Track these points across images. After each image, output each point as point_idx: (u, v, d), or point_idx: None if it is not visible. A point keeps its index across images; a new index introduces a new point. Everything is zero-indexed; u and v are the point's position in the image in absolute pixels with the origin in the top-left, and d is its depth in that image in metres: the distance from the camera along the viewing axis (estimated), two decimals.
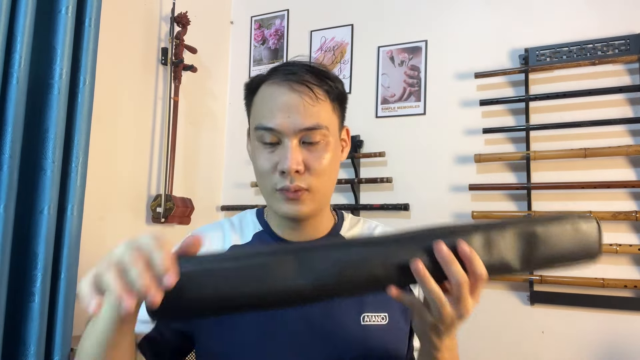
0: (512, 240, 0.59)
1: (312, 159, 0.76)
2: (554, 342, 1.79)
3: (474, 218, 1.91)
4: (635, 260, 1.72)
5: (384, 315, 0.81)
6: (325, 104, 0.77)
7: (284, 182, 0.75)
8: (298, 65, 0.79)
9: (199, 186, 2.36)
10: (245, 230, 0.88)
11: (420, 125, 2.11)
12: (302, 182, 0.75)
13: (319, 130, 0.75)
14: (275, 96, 0.76)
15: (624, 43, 1.77)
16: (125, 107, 2.00)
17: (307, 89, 0.75)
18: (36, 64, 1.47)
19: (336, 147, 0.80)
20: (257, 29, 2.54)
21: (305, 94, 0.75)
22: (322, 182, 0.77)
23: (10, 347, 1.42)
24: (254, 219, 0.90)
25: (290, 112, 0.75)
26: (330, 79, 0.79)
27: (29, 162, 1.46)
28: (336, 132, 0.80)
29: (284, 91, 0.76)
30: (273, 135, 0.76)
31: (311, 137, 0.75)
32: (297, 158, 0.74)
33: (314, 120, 0.75)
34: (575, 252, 0.60)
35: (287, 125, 0.74)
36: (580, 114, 1.84)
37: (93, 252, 1.82)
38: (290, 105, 0.75)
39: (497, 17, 2.02)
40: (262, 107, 0.78)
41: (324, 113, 0.77)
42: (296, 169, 0.74)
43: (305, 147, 0.76)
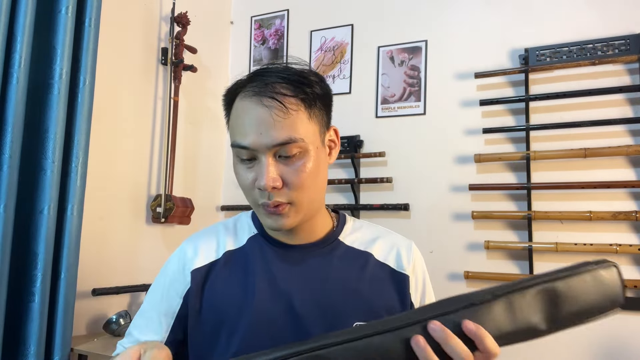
0: (534, 301, 0.57)
1: (290, 173, 0.74)
2: (554, 342, 1.79)
3: (474, 218, 1.91)
4: (635, 260, 1.72)
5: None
6: (299, 114, 0.74)
7: (263, 198, 0.75)
8: (273, 73, 0.75)
9: (199, 186, 2.36)
10: (239, 234, 0.87)
11: (420, 125, 2.11)
12: (282, 197, 0.74)
13: (293, 143, 0.73)
14: (247, 112, 0.74)
15: (624, 43, 1.77)
16: (125, 107, 2.00)
17: (277, 102, 0.73)
18: (36, 64, 1.47)
19: (319, 154, 0.77)
20: (257, 29, 2.54)
21: (275, 108, 0.72)
22: (304, 194, 0.75)
23: (10, 347, 1.42)
24: (249, 221, 0.89)
25: (261, 128, 0.72)
26: (308, 84, 0.75)
27: (29, 162, 1.46)
28: (316, 139, 0.77)
29: (254, 106, 0.73)
30: (248, 152, 0.74)
31: (287, 151, 0.73)
32: (272, 175, 0.72)
33: (286, 134, 0.72)
34: (601, 304, 0.58)
35: (260, 143, 0.73)
36: (580, 114, 1.84)
37: (93, 252, 1.82)
38: (261, 122, 0.72)
39: (497, 17, 2.02)
40: (236, 123, 0.77)
41: (298, 124, 0.73)
42: (272, 185, 0.72)
43: (281, 161, 0.74)
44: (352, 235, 0.87)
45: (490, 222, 1.94)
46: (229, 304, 0.79)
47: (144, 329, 0.83)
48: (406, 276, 0.84)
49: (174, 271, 0.85)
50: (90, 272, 1.80)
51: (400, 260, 0.85)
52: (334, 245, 0.84)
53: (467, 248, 1.97)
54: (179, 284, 0.83)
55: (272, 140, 0.72)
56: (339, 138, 0.84)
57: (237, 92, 0.78)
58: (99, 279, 1.84)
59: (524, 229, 1.87)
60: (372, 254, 0.85)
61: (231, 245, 0.85)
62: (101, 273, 1.86)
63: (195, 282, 0.82)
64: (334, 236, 0.85)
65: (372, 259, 0.84)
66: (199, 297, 0.81)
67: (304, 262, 0.81)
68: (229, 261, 0.83)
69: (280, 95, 0.73)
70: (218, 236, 0.87)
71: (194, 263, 0.83)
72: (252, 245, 0.84)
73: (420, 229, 2.04)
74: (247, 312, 0.77)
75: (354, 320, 0.78)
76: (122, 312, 1.78)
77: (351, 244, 0.85)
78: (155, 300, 0.84)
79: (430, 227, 2.03)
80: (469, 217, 1.95)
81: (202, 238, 0.87)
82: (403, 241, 0.89)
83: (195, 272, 0.82)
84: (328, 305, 0.78)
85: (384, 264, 0.84)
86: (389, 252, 0.86)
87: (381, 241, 0.87)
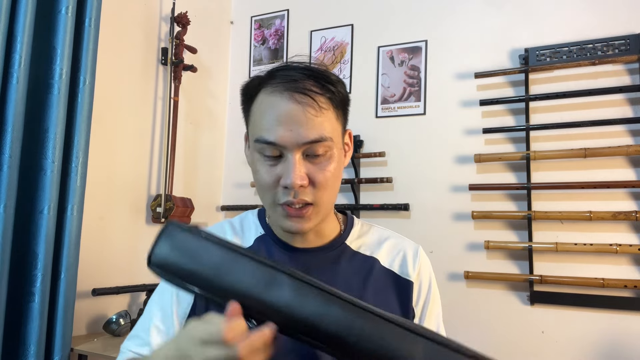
0: None
1: (316, 172, 0.73)
2: (554, 342, 1.79)
3: (474, 218, 1.91)
4: (635, 260, 1.72)
5: None
6: (328, 113, 0.73)
7: (287, 197, 0.72)
8: (298, 70, 0.74)
9: (199, 186, 2.36)
10: (246, 234, 0.85)
11: (420, 125, 2.11)
12: (306, 196, 0.73)
13: (323, 142, 0.72)
14: (275, 107, 0.72)
15: (624, 43, 1.77)
16: (125, 107, 2.00)
17: (310, 99, 0.71)
18: (36, 64, 1.47)
19: (340, 155, 0.77)
20: (257, 29, 2.54)
21: (308, 105, 0.71)
22: (326, 194, 0.75)
23: (10, 347, 1.42)
24: (255, 221, 0.87)
25: (292, 124, 0.70)
26: (333, 84, 0.74)
27: (29, 162, 1.46)
28: (340, 140, 0.77)
29: (285, 101, 0.71)
30: (274, 149, 0.72)
31: (315, 150, 0.72)
32: (300, 173, 0.71)
33: (318, 132, 0.71)
34: None
35: (290, 139, 0.71)
36: (580, 114, 1.84)
37: (93, 252, 1.82)
38: (293, 118, 0.71)
39: (497, 17, 2.02)
40: (261, 118, 0.73)
41: (327, 123, 0.73)
42: (300, 184, 0.71)
43: (308, 159, 0.73)
44: (359, 239, 0.86)
45: (490, 222, 1.94)
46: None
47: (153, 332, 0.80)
48: (410, 282, 0.83)
49: None
50: (90, 272, 1.80)
51: (406, 266, 0.84)
52: (340, 249, 0.83)
53: (467, 248, 1.97)
54: None
55: (303, 138, 0.71)
56: (352, 141, 0.84)
57: (260, 87, 0.75)
58: (99, 279, 1.84)
59: (524, 229, 1.87)
60: (377, 259, 0.84)
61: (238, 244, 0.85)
62: (101, 273, 1.86)
63: None
64: (340, 240, 0.84)
65: (378, 264, 0.83)
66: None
67: (310, 266, 0.80)
68: None
69: (312, 92, 0.72)
70: (225, 235, 0.85)
71: None
72: (259, 246, 0.83)
73: (420, 229, 2.04)
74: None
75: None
76: (122, 312, 1.78)
77: (357, 249, 0.84)
78: (165, 301, 0.81)
79: (430, 227, 2.03)
80: (469, 217, 1.95)
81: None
82: (410, 246, 0.87)
83: None
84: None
85: (388, 269, 0.83)
86: (394, 257, 0.85)
87: (388, 246, 0.86)
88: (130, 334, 0.83)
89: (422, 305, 0.84)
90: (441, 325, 0.87)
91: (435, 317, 0.86)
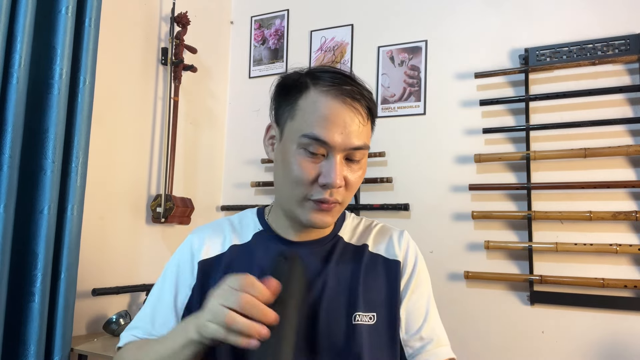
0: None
1: (351, 175, 0.78)
2: (554, 342, 1.79)
3: (474, 218, 1.91)
4: (635, 260, 1.72)
5: (372, 315, 0.82)
6: (369, 124, 0.79)
7: (321, 195, 0.76)
8: (347, 77, 0.78)
9: (199, 186, 2.36)
10: (245, 230, 0.88)
11: (420, 125, 2.11)
12: (339, 196, 0.77)
13: (362, 150, 0.77)
14: (330, 107, 0.75)
15: (624, 43, 1.77)
16: (125, 107, 2.00)
17: (363, 109, 0.76)
18: (36, 64, 1.47)
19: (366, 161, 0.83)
20: (257, 29, 2.54)
21: (359, 113, 0.76)
22: (350, 196, 0.81)
23: (10, 347, 1.42)
24: (254, 218, 0.90)
25: (345, 128, 0.74)
26: (371, 98, 0.79)
27: (29, 162, 1.46)
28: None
29: (339, 104, 0.75)
30: (321, 147, 0.75)
31: (354, 155, 0.77)
32: (342, 175, 0.76)
33: (363, 140, 0.76)
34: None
35: (340, 142, 0.74)
36: (580, 114, 1.84)
37: (93, 252, 1.82)
38: (347, 122, 0.74)
39: (497, 17, 2.02)
40: (313, 115, 0.75)
41: (368, 133, 0.79)
42: (340, 184, 0.75)
43: (346, 163, 0.77)
44: (351, 232, 0.91)
45: (490, 222, 1.94)
46: None
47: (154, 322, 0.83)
48: (397, 262, 0.87)
49: (184, 262, 0.86)
50: (90, 272, 1.80)
51: (392, 248, 0.88)
52: (334, 241, 0.87)
53: (467, 248, 1.97)
54: (188, 275, 0.84)
55: (351, 143, 0.75)
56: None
57: (309, 85, 0.77)
58: (99, 279, 1.84)
59: (524, 229, 1.87)
60: (367, 244, 0.88)
61: (236, 240, 0.87)
62: (101, 273, 1.86)
63: (202, 273, 0.83)
64: (334, 232, 0.89)
65: (367, 251, 0.87)
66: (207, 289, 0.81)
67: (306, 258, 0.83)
68: (235, 255, 0.85)
69: (365, 101, 0.77)
70: (224, 231, 0.89)
71: (201, 254, 0.85)
72: (257, 241, 0.86)
73: (420, 229, 2.04)
74: None
75: (353, 311, 0.81)
76: (122, 312, 1.78)
77: (349, 240, 0.89)
78: (165, 291, 0.85)
79: (430, 227, 2.03)
80: (469, 217, 1.95)
81: (208, 231, 0.89)
82: (395, 230, 0.93)
83: (202, 263, 0.84)
84: (330, 298, 0.81)
85: (376, 254, 0.88)
86: (381, 241, 0.90)
87: (375, 233, 0.91)
88: (129, 325, 0.86)
89: (405, 280, 0.87)
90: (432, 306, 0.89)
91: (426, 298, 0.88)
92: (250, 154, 2.44)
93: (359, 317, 0.81)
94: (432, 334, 0.85)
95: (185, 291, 0.83)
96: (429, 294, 0.90)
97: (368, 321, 0.81)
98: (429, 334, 0.85)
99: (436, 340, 0.85)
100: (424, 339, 0.84)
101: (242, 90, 2.54)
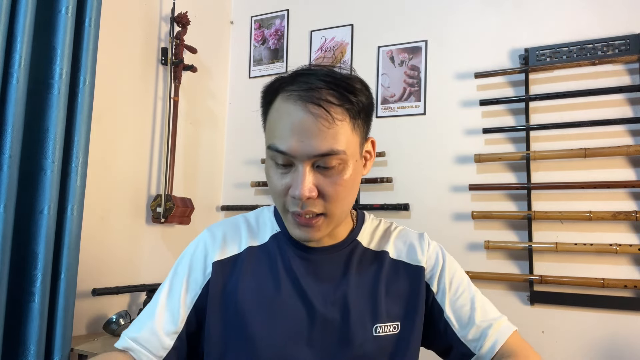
0: None
1: (327, 184, 0.71)
2: (554, 342, 1.79)
3: (474, 218, 1.91)
4: (635, 260, 1.72)
5: (395, 324, 0.80)
6: (344, 125, 0.71)
7: (295, 207, 0.72)
8: (319, 76, 0.71)
9: (199, 186, 2.36)
10: (262, 231, 0.86)
11: (420, 125, 2.11)
12: (315, 208, 0.72)
13: (334, 155, 0.70)
14: (289, 115, 0.70)
15: (624, 43, 1.77)
16: (125, 107, 2.00)
17: (324, 110, 0.69)
18: (36, 64, 1.47)
19: (357, 166, 0.75)
20: (257, 29, 2.54)
21: (321, 117, 0.69)
22: (337, 206, 0.74)
23: (10, 347, 1.42)
24: (271, 217, 0.88)
25: (303, 135, 0.69)
26: (354, 93, 0.72)
27: (29, 162, 1.46)
28: (356, 151, 0.74)
29: (298, 111, 0.69)
30: (285, 158, 0.71)
31: (326, 162, 0.70)
32: (308, 185, 0.70)
33: (329, 145, 0.69)
34: None
35: (300, 151, 0.69)
36: (580, 114, 1.84)
37: (93, 252, 1.82)
38: (304, 129, 0.69)
39: (497, 17, 2.02)
40: (275, 125, 0.73)
41: (341, 135, 0.70)
42: (308, 196, 0.70)
43: (319, 171, 0.71)
44: (369, 236, 0.87)
45: (490, 222, 1.94)
46: (253, 301, 0.78)
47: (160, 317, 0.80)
48: (421, 268, 0.85)
49: (196, 259, 0.83)
50: (90, 272, 1.80)
51: (415, 253, 0.86)
52: (352, 246, 0.84)
53: (467, 248, 1.97)
54: (199, 274, 0.82)
55: (313, 150, 0.69)
56: (375, 149, 0.82)
57: (279, 91, 0.74)
58: (99, 279, 1.84)
59: (524, 229, 1.87)
60: (387, 252, 0.85)
61: (253, 241, 0.85)
62: (101, 273, 1.86)
63: (217, 274, 0.81)
64: (352, 237, 0.85)
65: (388, 258, 0.85)
66: (221, 291, 0.80)
67: (324, 265, 0.81)
68: (252, 257, 0.82)
69: (327, 102, 0.69)
70: (240, 230, 0.86)
71: (215, 254, 0.83)
72: (274, 243, 0.84)
73: (420, 229, 2.02)
74: (275, 310, 0.78)
75: (374, 323, 0.79)
76: (122, 312, 1.78)
77: (368, 245, 0.86)
78: (175, 287, 0.82)
79: (430, 227, 2.03)
80: (469, 217, 1.95)
81: (224, 229, 0.86)
82: (414, 233, 0.90)
83: (217, 264, 0.82)
84: (348, 309, 0.79)
85: (398, 260, 0.85)
86: (402, 247, 0.87)
87: (394, 237, 0.88)
88: (134, 321, 0.83)
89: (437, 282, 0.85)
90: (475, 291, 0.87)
91: (465, 285, 0.86)
92: (250, 154, 2.44)
93: (381, 328, 0.79)
94: (487, 317, 0.83)
95: (195, 289, 0.81)
96: (467, 281, 0.88)
97: (392, 331, 0.80)
98: (484, 319, 0.82)
99: (493, 322, 0.83)
100: (482, 326, 0.82)
101: (242, 90, 2.54)
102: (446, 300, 0.84)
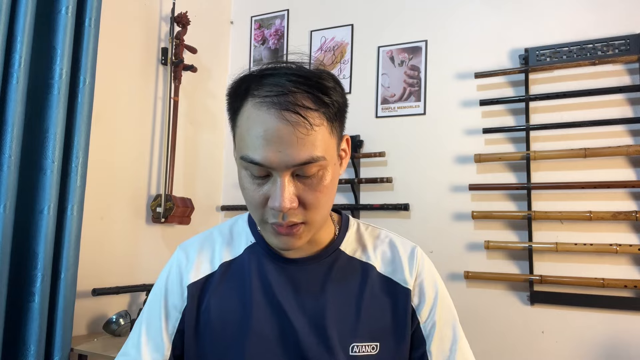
0: None
1: (307, 192, 0.67)
2: (554, 342, 1.79)
3: (474, 218, 1.91)
4: (635, 260, 1.72)
5: (375, 345, 0.75)
6: (321, 129, 0.66)
7: (275, 219, 0.68)
8: (289, 76, 0.66)
9: (199, 186, 2.36)
10: (236, 242, 0.82)
11: (420, 125, 2.11)
12: (296, 217, 0.68)
13: (314, 163, 0.65)
14: (263, 124, 0.65)
15: (624, 43, 1.77)
16: (125, 107, 2.00)
17: (301, 117, 0.64)
18: (36, 64, 1.47)
19: (334, 169, 0.71)
20: (257, 29, 2.54)
21: (298, 124, 0.64)
22: (318, 212, 0.70)
23: (10, 347, 1.42)
24: (246, 228, 0.83)
25: (281, 145, 0.64)
26: (328, 94, 0.67)
27: (29, 162, 1.46)
28: (334, 154, 0.70)
29: (273, 119, 0.64)
30: (262, 169, 0.66)
31: (305, 171, 0.66)
32: (289, 196, 0.65)
33: (309, 153, 0.65)
34: None
35: (278, 161, 0.64)
36: (580, 114, 1.84)
37: (93, 252, 1.82)
38: (281, 138, 0.64)
39: (497, 17, 2.02)
40: (247, 135, 0.67)
41: (320, 141, 0.66)
42: (289, 207, 0.65)
43: (298, 179, 0.67)
44: (354, 243, 0.82)
45: (490, 222, 1.94)
46: (226, 320, 0.76)
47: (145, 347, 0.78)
48: (407, 290, 0.79)
49: (172, 283, 0.80)
50: (90, 272, 1.80)
51: (402, 272, 0.80)
52: (334, 256, 0.79)
53: (467, 248, 1.97)
54: (177, 298, 0.79)
55: (292, 160, 0.64)
56: (349, 146, 0.78)
57: (247, 95, 0.68)
58: (99, 279, 1.84)
59: (524, 229, 1.87)
60: (374, 266, 0.80)
61: (227, 255, 0.81)
62: (101, 273, 1.86)
63: (193, 297, 0.78)
64: (334, 246, 0.80)
65: (374, 272, 0.80)
66: (196, 313, 0.78)
67: (302, 277, 0.77)
68: (225, 274, 0.79)
69: (303, 108, 0.64)
70: (213, 245, 0.82)
71: (190, 276, 0.79)
72: (249, 256, 0.80)
73: (420, 229, 2.04)
74: (244, 328, 0.75)
75: (351, 341, 0.75)
76: (122, 312, 1.78)
77: (352, 254, 0.80)
78: (153, 316, 0.80)
79: (430, 227, 2.03)
80: (469, 217, 1.95)
81: (196, 247, 0.83)
82: (406, 249, 0.83)
83: (192, 287, 0.79)
84: (325, 325, 0.75)
85: (384, 276, 0.80)
86: (390, 263, 0.81)
87: (382, 249, 0.82)
88: (120, 352, 0.81)
89: (427, 311, 0.80)
90: (459, 334, 0.82)
91: (451, 327, 0.82)
92: None
93: (358, 347, 0.75)
94: None
95: (175, 315, 0.78)
96: (454, 320, 0.82)
97: (370, 352, 0.75)
98: None
99: None
100: None
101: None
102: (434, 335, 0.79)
